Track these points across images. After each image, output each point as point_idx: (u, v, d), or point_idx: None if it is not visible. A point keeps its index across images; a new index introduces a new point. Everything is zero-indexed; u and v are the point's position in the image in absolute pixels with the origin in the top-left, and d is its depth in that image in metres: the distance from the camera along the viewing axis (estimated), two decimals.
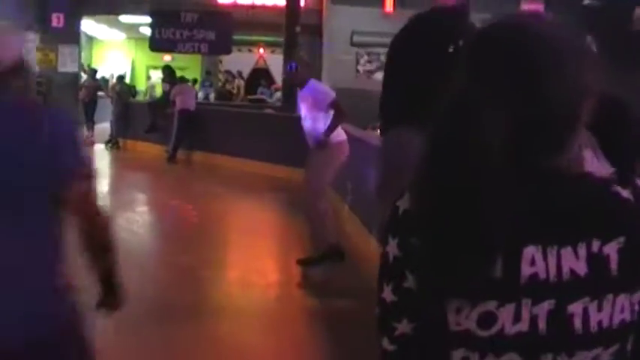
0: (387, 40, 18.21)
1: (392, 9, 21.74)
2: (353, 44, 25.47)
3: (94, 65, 28.55)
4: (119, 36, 33.41)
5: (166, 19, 18.82)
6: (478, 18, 2.44)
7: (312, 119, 8.83)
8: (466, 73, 1.48)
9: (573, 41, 1.50)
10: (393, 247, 1.54)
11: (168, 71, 19.29)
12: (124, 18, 27.01)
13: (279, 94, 26.44)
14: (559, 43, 1.47)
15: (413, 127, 2.39)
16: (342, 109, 8.81)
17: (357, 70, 25.76)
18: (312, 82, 8.96)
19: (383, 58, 20.81)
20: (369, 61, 25.75)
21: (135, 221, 11.50)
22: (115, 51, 34.59)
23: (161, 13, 19.21)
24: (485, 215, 1.37)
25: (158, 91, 22.78)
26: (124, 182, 13.97)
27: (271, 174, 15.19)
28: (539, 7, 20.92)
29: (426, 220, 1.42)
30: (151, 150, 18.33)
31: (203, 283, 8.06)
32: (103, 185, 15.35)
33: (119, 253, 2.84)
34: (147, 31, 28.77)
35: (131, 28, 30.11)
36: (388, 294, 1.56)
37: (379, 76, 21.49)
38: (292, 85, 8.58)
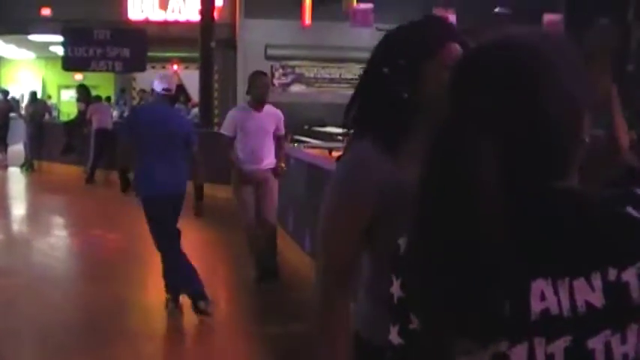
0: (302, 52, 18.43)
1: (310, 22, 21.70)
2: (267, 57, 25.47)
3: (3, 85, 27.97)
4: (28, 55, 32.79)
5: (78, 36, 18.55)
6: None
7: (265, 142, 8.44)
8: (454, 101, 1.43)
9: (568, 56, 1.43)
10: (396, 288, 1.47)
11: (83, 90, 18.97)
12: (34, 37, 26.52)
13: (196, 111, 26.30)
14: (554, 59, 1.40)
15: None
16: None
17: (273, 84, 25.73)
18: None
19: (298, 70, 21.16)
20: (284, 74, 25.79)
21: (57, 246, 11.28)
22: (25, 70, 33.93)
23: (73, 30, 18.91)
24: (488, 250, 1.29)
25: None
26: (43, 206, 13.68)
27: (191, 191, 15.00)
28: (452, 17, 21.21)
29: (424, 261, 1.35)
30: (68, 171, 18.00)
31: (132, 307, 7.91)
32: (20, 210, 15.06)
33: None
34: (57, 50, 28.32)
35: (41, 47, 29.56)
36: (395, 336, 1.48)
37: (294, 88, 21.65)
38: (263, 101, 8.19)
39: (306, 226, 8.79)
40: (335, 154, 14.13)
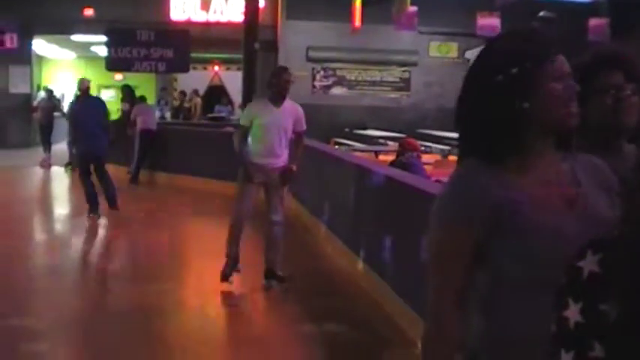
0: (343, 54, 18.45)
1: (360, 24, 21.63)
2: (309, 59, 25.46)
3: (44, 85, 28.12)
4: (69, 55, 33.00)
5: (122, 37, 18.53)
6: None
7: (281, 139, 8.15)
8: None
9: None
10: (574, 313, 1.38)
11: (127, 90, 18.98)
12: (76, 37, 26.66)
13: (238, 112, 26.32)
14: None
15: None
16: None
17: (314, 86, 25.73)
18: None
19: (339, 73, 21.12)
20: (325, 77, 25.76)
21: (101, 246, 11.28)
22: (66, 70, 34.13)
23: (117, 31, 18.92)
24: None
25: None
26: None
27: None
28: (496, 21, 21.08)
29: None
30: (112, 171, 17.91)
31: (181, 307, 7.86)
32: (64, 209, 15.09)
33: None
34: (98, 50, 28.50)
35: (82, 47, 29.76)
36: None
37: (335, 91, 21.58)
38: (283, 96, 7.96)
39: (359, 233, 8.70)
40: (382, 157, 14.06)
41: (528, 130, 2.17)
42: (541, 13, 21.94)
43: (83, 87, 13.38)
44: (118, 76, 30.57)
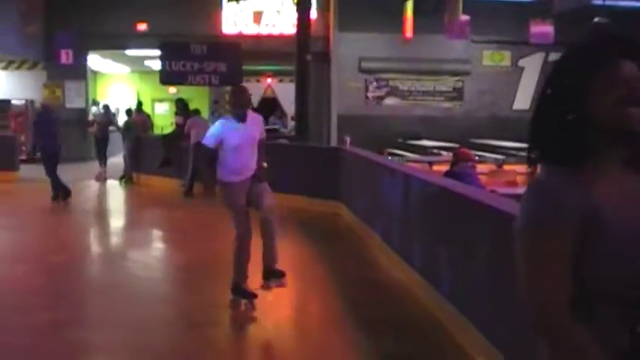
0: (396, 65, 18.44)
1: (411, 34, 21.58)
2: (361, 70, 25.47)
3: (98, 99, 28.48)
4: (123, 69, 33.37)
5: (176, 51, 18.66)
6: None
7: (254, 150, 8.22)
8: None
9: None
10: None
11: (181, 104, 19.11)
12: (130, 52, 26.96)
13: (291, 124, 26.40)
14: None
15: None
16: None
17: (367, 97, 25.72)
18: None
19: (392, 83, 21.10)
20: (378, 87, 25.74)
21: (157, 259, 11.33)
22: (119, 84, 34.53)
23: (170, 45, 19.08)
24: None
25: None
26: (142, 218, 13.77)
27: (289, 205, 15.01)
28: (549, 29, 20.90)
29: None
30: (166, 184, 18.15)
31: (240, 321, 7.87)
32: (119, 222, 15.24)
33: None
34: (152, 64, 28.83)
35: (136, 61, 30.08)
36: None
37: (388, 101, 21.55)
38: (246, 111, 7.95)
39: (413, 244, 8.65)
40: (436, 168, 14.00)
41: (595, 137, 2.17)
42: (596, 19, 21.67)
43: None
44: (172, 90, 30.87)
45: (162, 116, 33.04)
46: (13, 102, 26.52)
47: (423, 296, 7.96)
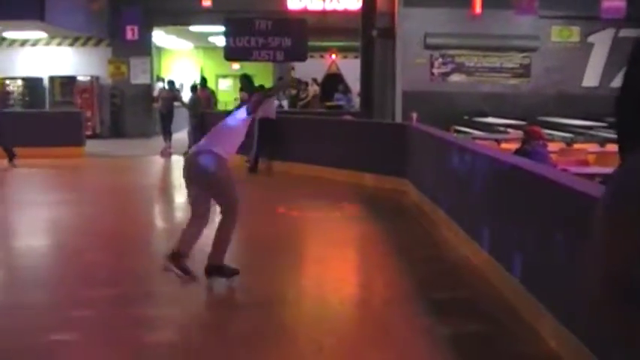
0: (461, 41, 18.17)
1: (480, 10, 21.25)
2: (426, 46, 25.18)
3: (162, 75, 28.64)
4: (187, 45, 33.50)
5: (240, 27, 18.62)
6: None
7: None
8: None
9: None
10: None
11: (246, 80, 19.00)
12: (194, 28, 27.02)
13: (354, 100, 26.26)
14: None
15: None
16: None
17: (432, 73, 25.44)
18: None
19: (457, 59, 20.81)
20: (444, 64, 25.44)
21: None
22: (183, 60, 34.69)
23: (235, 21, 19.04)
24: None
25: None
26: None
27: (355, 181, 14.93)
28: (621, 4, 20.40)
29: None
30: (230, 160, 18.14)
31: (309, 300, 7.79)
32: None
33: None
34: (215, 40, 28.90)
35: (200, 38, 30.18)
36: None
37: (454, 78, 21.29)
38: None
39: (482, 222, 8.48)
40: (504, 145, 13.76)
41: None
42: None
43: None
44: (235, 66, 30.92)
45: (226, 92, 33.16)
46: (79, 78, 26.77)
47: (493, 276, 7.80)
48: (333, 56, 31.77)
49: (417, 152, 13.30)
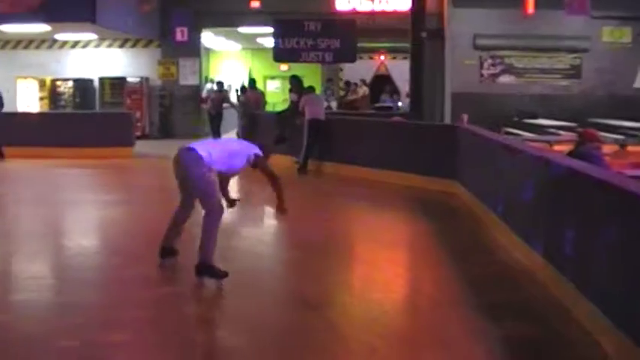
0: (511, 41, 17.98)
1: (533, 9, 21.06)
2: (476, 47, 25.02)
3: (210, 76, 28.75)
4: (235, 47, 33.61)
5: (289, 28, 18.69)
6: None
7: None
8: None
9: None
10: None
11: (295, 81, 19.07)
12: (243, 29, 27.11)
13: (403, 101, 26.15)
14: None
15: None
16: None
17: (482, 74, 25.27)
18: None
19: (507, 60, 20.64)
20: (493, 65, 25.25)
21: (270, 235, 11.32)
22: (231, 62, 34.82)
23: (284, 22, 19.08)
24: None
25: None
26: (255, 195, 13.74)
27: (403, 183, 14.86)
28: None
29: None
30: (280, 161, 18.10)
31: (360, 302, 7.75)
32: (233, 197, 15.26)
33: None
34: (263, 42, 28.99)
35: (248, 39, 30.28)
36: None
37: (503, 79, 21.11)
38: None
39: (536, 225, 8.38)
40: (557, 147, 13.60)
41: None
42: None
43: None
44: (284, 67, 31.01)
45: (274, 93, 33.27)
46: (129, 79, 26.98)
47: (546, 279, 7.72)
48: (382, 57, 31.70)
49: (467, 154, 13.21)
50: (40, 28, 23.00)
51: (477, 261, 9.00)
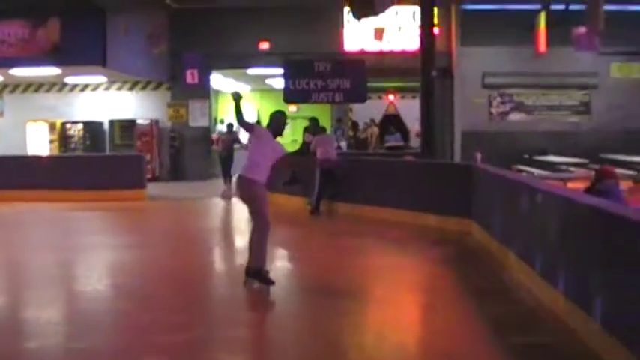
0: (520, 79, 18.03)
1: (544, 48, 21.12)
2: (485, 86, 25.09)
3: (220, 117, 28.78)
4: (244, 88, 33.67)
5: (300, 69, 18.69)
6: None
7: None
8: None
9: None
10: None
11: (314, 123, 19.07)
12: (251, 70, 27.20)
13: (412, 140, 26.13)
14: None
15: None
16: None
17: (491, 112, 25.31)
18: None
19: (516, 98, 20.68)
20: (502, 102, 25.30)
21: (285, 276, 11.23)
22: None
23: (294, 63, 19.11)
24: None
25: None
26: (269, 237, 13.69)
27: (419, 222, 14.81)
28: None
29: None
30: (291, 202, 18.14)
31: (383, 346, 7.66)
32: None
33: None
34: (272, 82, 29.05)
35: (257, 80, 30.34)
36: None
37: (513, 117, 21.10)
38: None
39: (557, 265, 8.29)
40: (571, 185, 13.56)
41: None
42: None
43: None
44: (292, 108, 31.02)
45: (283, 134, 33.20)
46: (139, 122, 27.06)
47: (570, 320, 7.62)
48: (391, 97, 31.76)
49: (482, 192, 13.15)
50: (51, 71, 23.13)
51: (498, 302, 8.92)
